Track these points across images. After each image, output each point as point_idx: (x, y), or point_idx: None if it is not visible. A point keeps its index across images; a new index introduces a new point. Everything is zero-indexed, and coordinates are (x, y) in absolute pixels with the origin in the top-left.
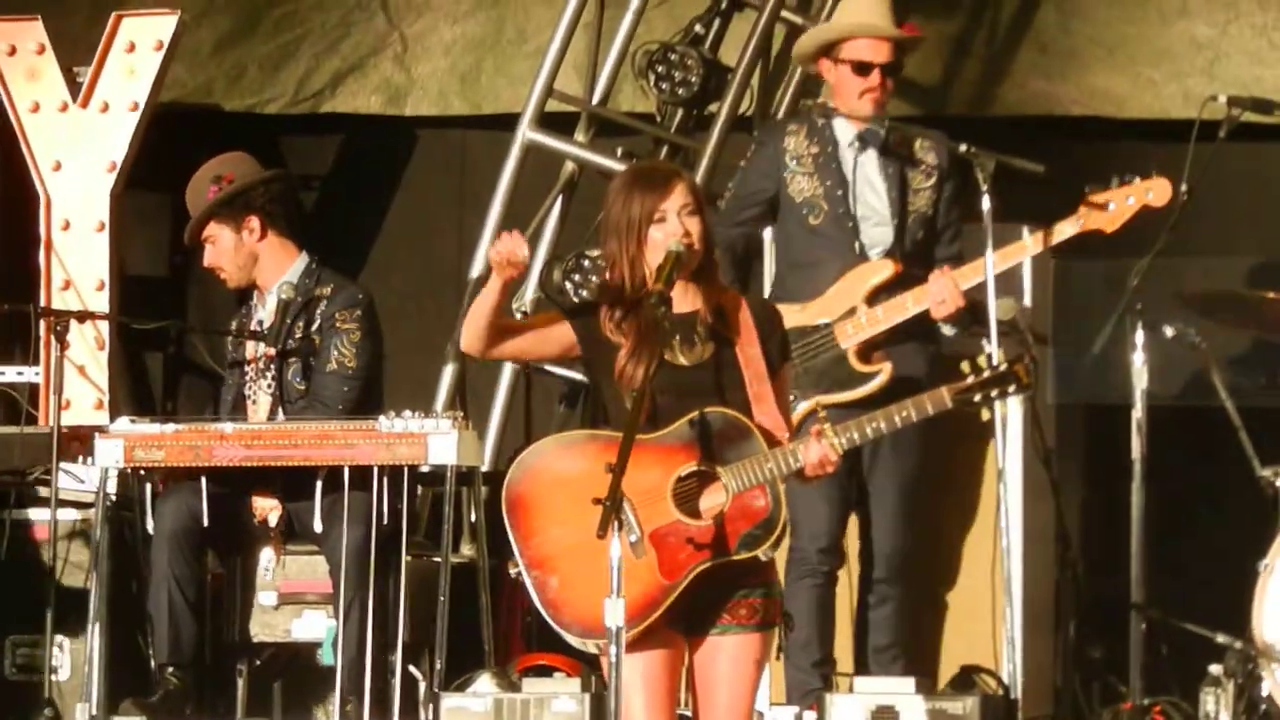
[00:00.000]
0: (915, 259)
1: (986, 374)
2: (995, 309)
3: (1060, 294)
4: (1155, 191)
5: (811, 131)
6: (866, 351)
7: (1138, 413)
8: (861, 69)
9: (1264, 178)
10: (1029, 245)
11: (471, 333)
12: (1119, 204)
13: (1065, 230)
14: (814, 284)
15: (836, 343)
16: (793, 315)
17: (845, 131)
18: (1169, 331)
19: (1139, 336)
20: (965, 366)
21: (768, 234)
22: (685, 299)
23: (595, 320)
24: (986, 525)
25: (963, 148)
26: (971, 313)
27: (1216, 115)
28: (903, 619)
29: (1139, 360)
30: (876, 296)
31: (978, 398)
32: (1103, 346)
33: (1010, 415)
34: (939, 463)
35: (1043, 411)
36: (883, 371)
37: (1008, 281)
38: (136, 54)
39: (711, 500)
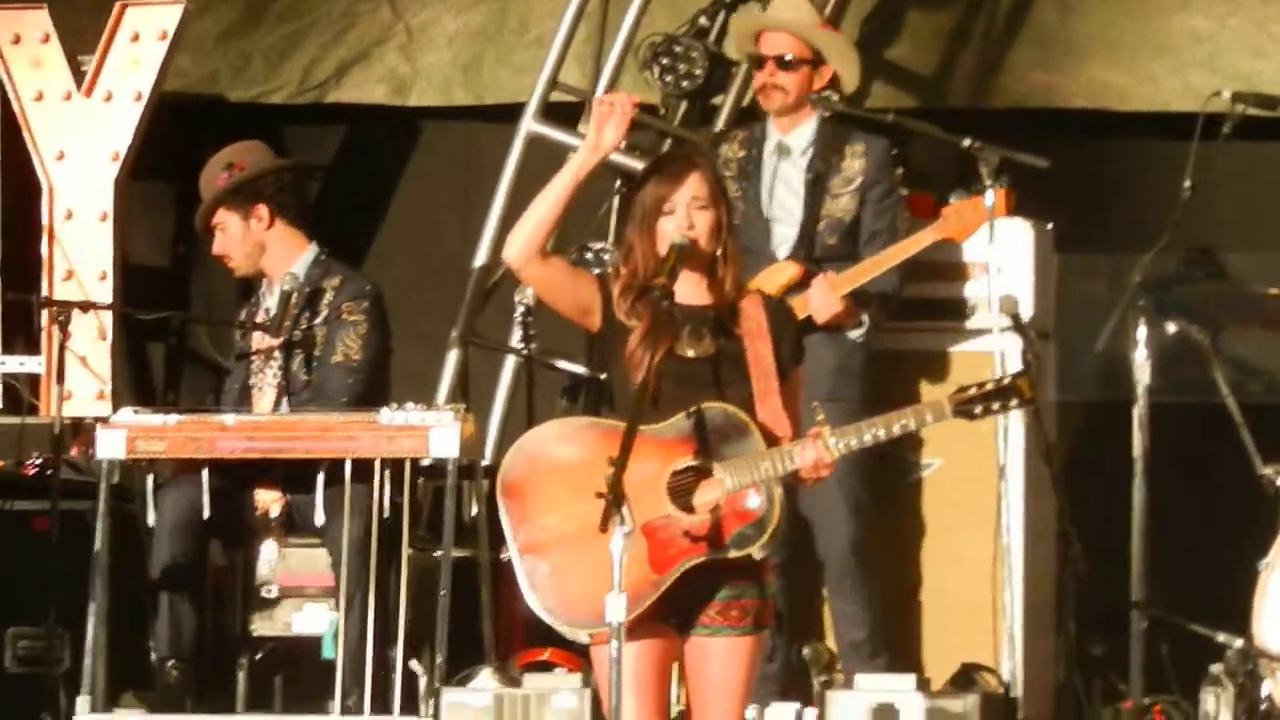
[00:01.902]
0: (826, 263)
1: (989, 386)
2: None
3: (1063, 290)
4: (997, 202)
5: (747, 137)
6: None
7: (1140, 409)
8: (757, 61)
9: (1266, 174)
10: (894, 253)
11: (528, 228)
12: (967, 215)
13: (925, 238)
14: None
15: None
16: None
17: (771, 133)
18: (1171, 328)
19: (1141, 333)
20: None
21: None
22: (698, 292)
23: (613, 298)
24: (988, 522)
25: (966, 142)
26: (880, 309)
27: (1220, 109)
28: (875, 612)
29: (1141, 357)
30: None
31: (979, 409)
32: (1105, 343)
33: (1012, 411)
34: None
35: (1044, 408)
36: None
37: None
38: (141, 43)
39: (706, 496)
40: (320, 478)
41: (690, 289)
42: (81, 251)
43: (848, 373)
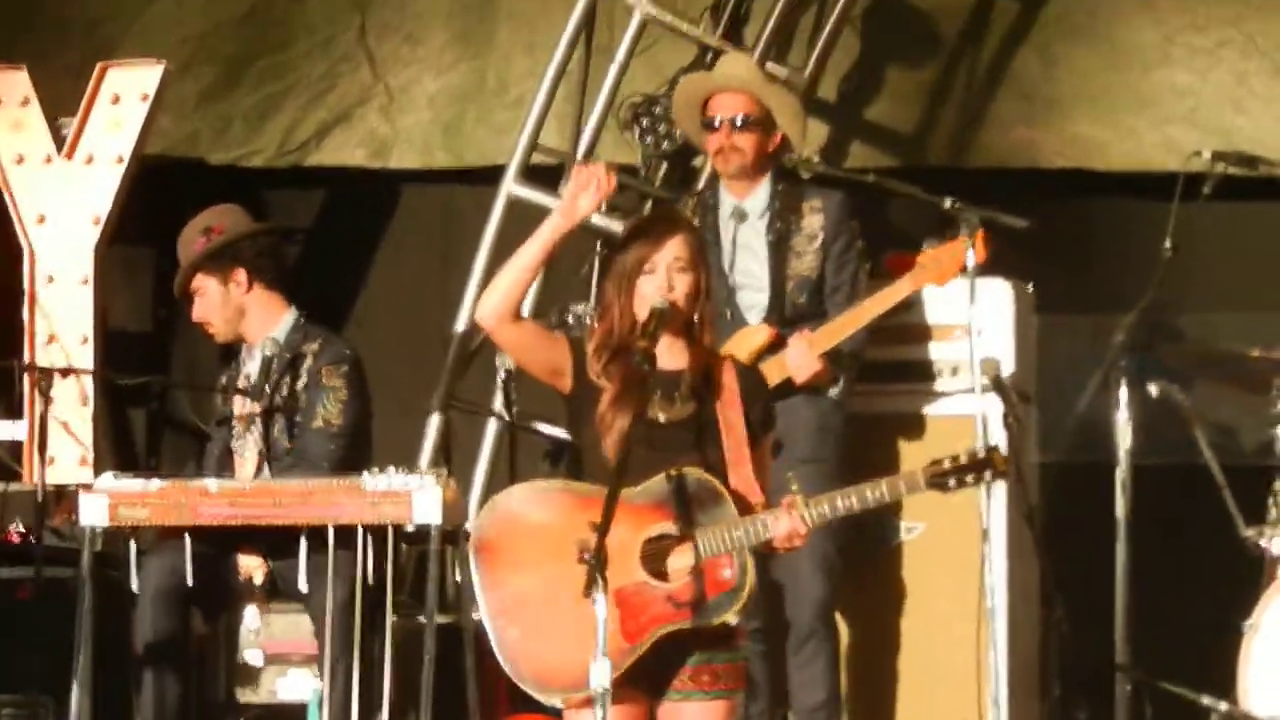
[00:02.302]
0: (799, 322)
1: (964, 459)
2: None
3: (1044, 351)
4: (975, 246)
5: (699, 203)
6: None
7: (1122, 471)
8: (710, 125)
9: (1247, 234)
10: (872, 305)
11: (501, 290)
12: (944, 260)
13: (903, 289)
14: None
15: None
16: None
17: (726, 199)
18: (1153, 389)
19: (1123, 394)
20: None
21: None
22: (672, 356)
23: (585, 360)
24: (971, 585)
25: (947, 203)
26: (851, 368)
27: (1200, 169)
28: (834, 676)
29: (1123, 418)
30: (758, 361)
31: (952, 482)
32: (1087, 404)
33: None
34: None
35: (1027, 470)
36: None
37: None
38: (122, 105)
39: (679, 563)
40: (303, 544)
41: (665, 352)
42: (63, 316)
43: (827, 433)
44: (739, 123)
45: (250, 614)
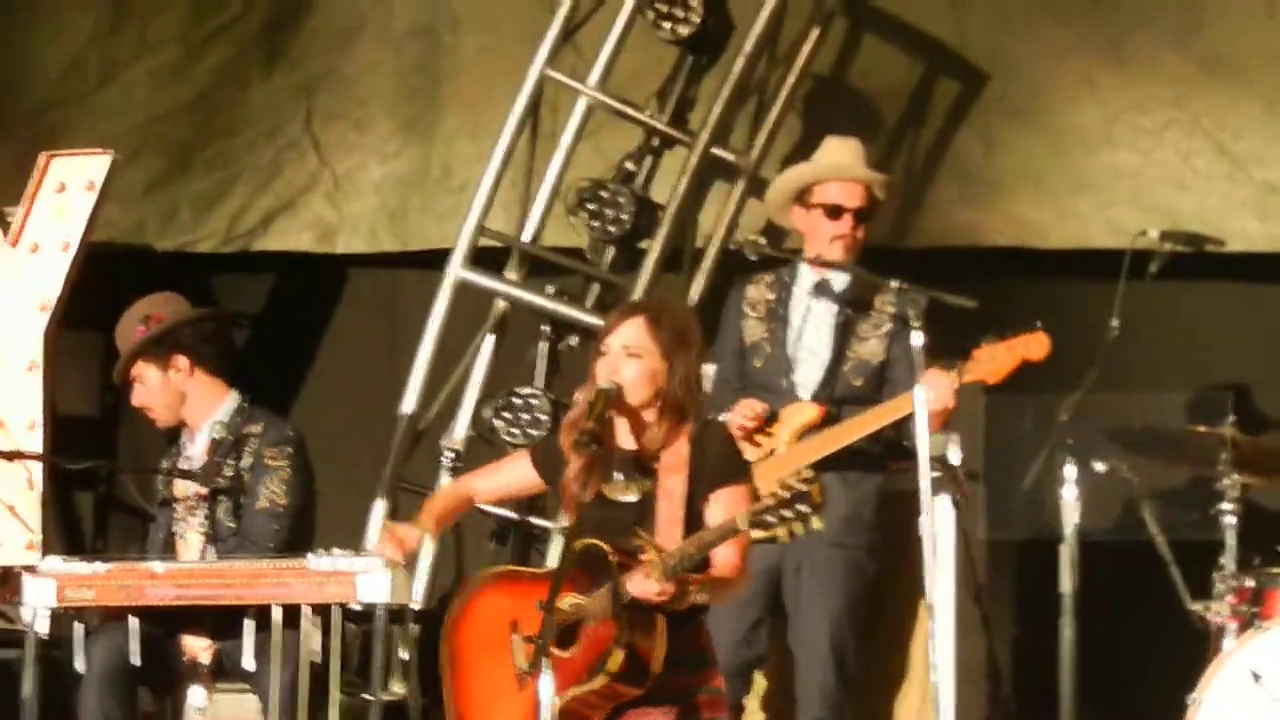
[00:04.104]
0: (849, 404)
1: (784, 494)
2: (928, 445)
3: (991, 430)
4: (1034, 345)
5: (775, 280)
6: None
7: (1068, 547)
8: (833, 212)
9: (1190, 311)
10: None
11: None
12: (1001, 357)
13: (955, 380)
14: None
15: None
16: None
17: (805, 277)
18: (1099, 466)
19: (1069, 471)
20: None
21: None
22: (629, 437)
23: (556, 444)
24: (918, 661)
25: (894, 283)
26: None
27: (1147, 247)
28: None
29: (1069, 495)
30: (804, 438)
31: (771, 519)
32: (1033, 482)
33: (941, 549)
34: (871, 598)
35: (974, 547)
36: None
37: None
38: (67, 194)
39: (580, 630)
40: (249, 624)
41: (624, 433)
42: (10, 401)
43: (857, 522)
44: (862, 215)
45: (197, 694)
